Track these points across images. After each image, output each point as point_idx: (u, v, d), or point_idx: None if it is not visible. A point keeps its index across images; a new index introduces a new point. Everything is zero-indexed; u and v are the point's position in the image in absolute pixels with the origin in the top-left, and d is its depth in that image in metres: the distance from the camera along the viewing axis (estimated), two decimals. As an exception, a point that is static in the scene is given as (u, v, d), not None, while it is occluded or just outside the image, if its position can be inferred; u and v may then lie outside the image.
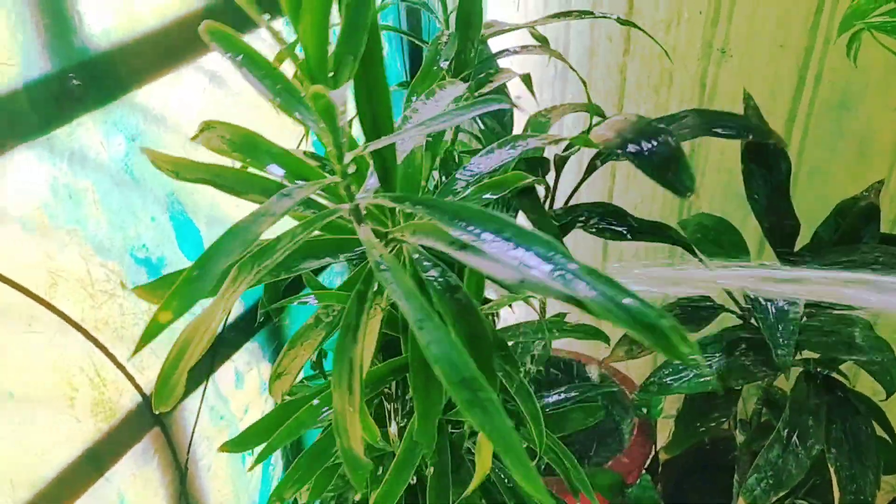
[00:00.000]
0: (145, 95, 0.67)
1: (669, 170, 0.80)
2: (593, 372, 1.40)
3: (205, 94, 0.73)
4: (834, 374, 0.98)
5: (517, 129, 1.08)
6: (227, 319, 0.86)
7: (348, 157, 0.49)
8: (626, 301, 0.46)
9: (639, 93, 1.33)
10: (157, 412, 0.50)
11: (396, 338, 0.69)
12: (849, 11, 0.98)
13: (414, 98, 0.67)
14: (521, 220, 0.88)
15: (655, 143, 0.81)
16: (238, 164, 0.53)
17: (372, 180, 0.57)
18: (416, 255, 0.54)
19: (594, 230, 1.04)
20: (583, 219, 1.03)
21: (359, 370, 0.54)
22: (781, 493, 0.83)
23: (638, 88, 1.33)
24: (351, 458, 0.56)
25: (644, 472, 1.26)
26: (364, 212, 0.52)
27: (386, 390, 0.81)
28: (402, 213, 0.59)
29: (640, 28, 0.94)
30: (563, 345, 1.45)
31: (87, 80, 0.60)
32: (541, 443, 0.73)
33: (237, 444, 0.71)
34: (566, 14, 1.00)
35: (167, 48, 0.67)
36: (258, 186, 0.55)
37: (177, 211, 0.74)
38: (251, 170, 0.54)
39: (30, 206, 0.60)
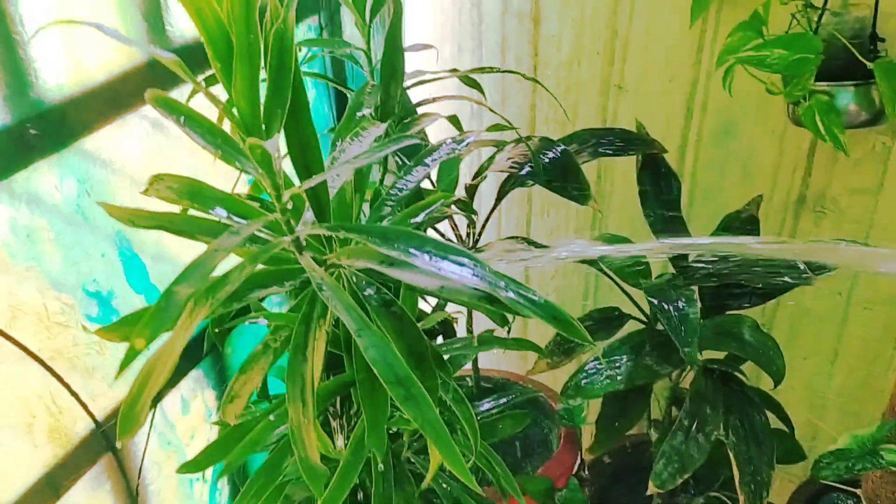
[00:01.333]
0: (94, 142, 0.74)
1: (567, 181, 0.91)
2: (521, 387, 1.49)
3: (148, 139, 0.80)
4: (731, 372, 1.09)
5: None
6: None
7: (286, 195, 0.56)
8: (535, 297, 0.56)
9: (546, 126, 1.45)
10: (118, 443, 0.55)
11: (340, 356, 0.76)
12: (723, 48, 1.12)
13: (340, 141, 0.75)
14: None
15: (552, 156, 0.92)
16: (183, 209, 0.60)
17: (308, 214, 0.65)
18: (354, 278, 0.62)
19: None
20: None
21: (310, 385, 0.61)
22: (686, 476, 0.93)
23: (546, 123, 1.45)
24: (308, 468, 0.63)
25: (572, 476, 1.35)
26: (304, 242, 0.60)
27: (331, 408, 0.87)
28: (338, 242, 0.67)
29: (541, 85, 1.05)
30: (493, 365, 1.53)
31: (42, 130, 0.66)
32: (475, 441, 0.79)
33: (194, 466, 0.76)
34: (480, 70, 1.11)
35: (113, 99, 0.74)
36: (205, 228, 0.62)
37: (124, 247, 0.80)
38: (197, 213, 0.61)
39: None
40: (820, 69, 1.08)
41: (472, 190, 1.12)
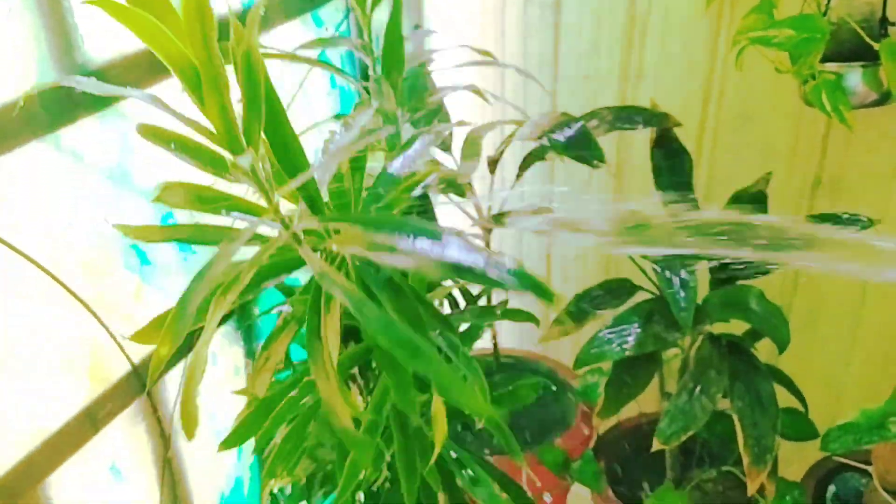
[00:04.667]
0: (132, 105, 0.81)
1: (581, 148, 0.96)
2: (541, 365, 1.53)
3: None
4: (739, 343, 1.13)
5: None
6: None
7: (277, 197, 0.62)
8: (507, 262, 0.60)
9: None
10: (189, 440, 0.62)
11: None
12: (737, 30, 1.15)
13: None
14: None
15: (570, 131, 0.97)
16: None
17: (302, 207, 0.69)
18: (358, 261, 0.67)
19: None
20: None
21: (329, 361, 0.66)
22: (690, 433, 0.97)
23: (566, 109, 1.49)
24: (349, 436, 0.68)
25: (587, 449, 1.39)
26: (301, 235, 0.64)
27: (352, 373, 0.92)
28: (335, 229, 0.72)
29: (539, 82, 1.10)
30: (515, 345, 1.58)
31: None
32: (484, 395, 0.82)
33: (231, 442, 0.82)
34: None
35: (148, 65, 0.81)
36: (211, 234, 0.69)
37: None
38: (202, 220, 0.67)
39: (41, 192, 0.73)
40: (830, 52, 1.11)
41: (493, 163, 1.17)
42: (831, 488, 1.33)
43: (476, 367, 0.85)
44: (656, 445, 0.99)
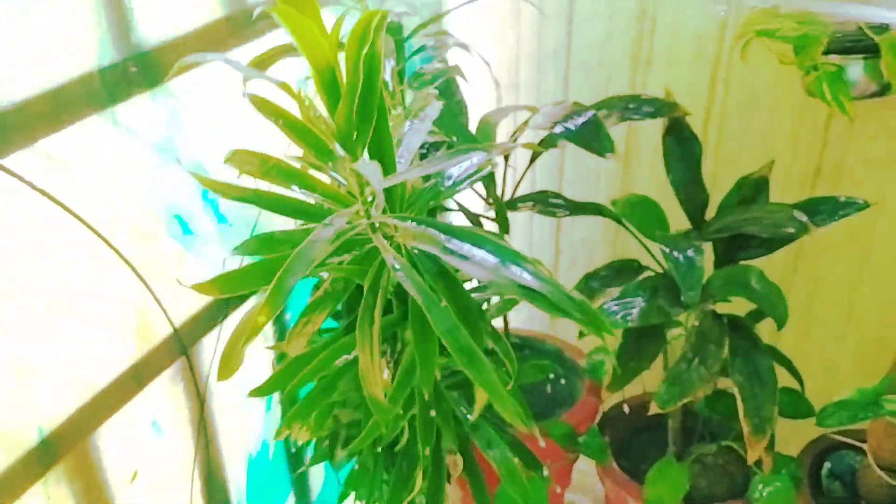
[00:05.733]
0: (180, 84, 0.87)
1: (592, 138, 1.02)
2: (548, 345, 1.59)
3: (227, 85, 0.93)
4: (740, 320, 1.18)
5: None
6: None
7: (368, 191, 0.68)
8: (574, 294, 0.66)
9: (580, 98, 1.55)
10: (220, 380, 0.67)
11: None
12: (743, 22, 1.21)
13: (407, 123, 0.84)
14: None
15: (581, 120, 1.03)
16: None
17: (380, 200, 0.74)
18: (414, 250, 0.73)
19: (541, 211, 1.25)
20: (530, 203, 1.25)
21: (377, 339, 0.72)
22: (686, 399, 1.03)
23: (578, 96, 1.55)
24: (375, 403, 0.74)
25: (593, 424, 1.45)
26: (377, 225, 0.70)
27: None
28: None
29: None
30: (521, 325, 1.64)
31: (141, 68, 0.80)
32: (514, 370, 0.83)
33: (262, 391, 0.87)
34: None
35: (198, 48, 0.87)
36: (287, 206, 0.74)
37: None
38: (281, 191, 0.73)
39: (98, 163, 0.79)
40: (832, 44, 1.17)
41: (506, 153, 1.23)
42: (827, 465, 1.38)
43: (507, 346, 0.86)
44: (653, 409, 1.05)
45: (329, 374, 0.91)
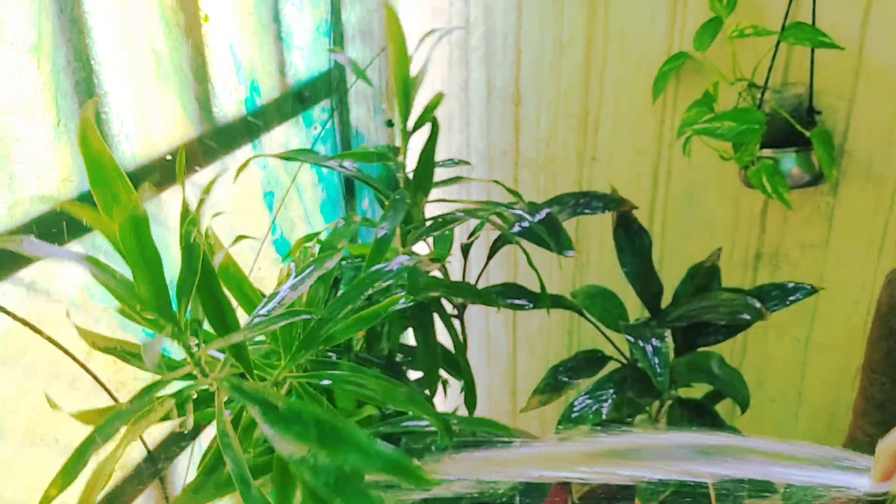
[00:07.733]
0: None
1: (550, 237, 1.06)
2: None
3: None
4: (704, 405, 1.22)
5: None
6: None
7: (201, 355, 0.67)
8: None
9: (528, 196, 1.61)
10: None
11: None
12: (681, 122, 1.29)
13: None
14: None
15: (538, 217, 1.07)
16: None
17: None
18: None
19: (505, 305, 1.28)
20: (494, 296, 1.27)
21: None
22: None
23: (527, 195, 1.61)
24: None
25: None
26: (219, 385, 0.68)
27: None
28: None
29: (500, 184, 1.20)
30: (484, 415, 1.64)
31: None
32: None
33: None
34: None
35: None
36: None
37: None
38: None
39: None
40: (766, 139, 1.26)
41: (466, 249, 1.26)
42: (791, 540, 1.41)
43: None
44: (638, 504, 1.07)
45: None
